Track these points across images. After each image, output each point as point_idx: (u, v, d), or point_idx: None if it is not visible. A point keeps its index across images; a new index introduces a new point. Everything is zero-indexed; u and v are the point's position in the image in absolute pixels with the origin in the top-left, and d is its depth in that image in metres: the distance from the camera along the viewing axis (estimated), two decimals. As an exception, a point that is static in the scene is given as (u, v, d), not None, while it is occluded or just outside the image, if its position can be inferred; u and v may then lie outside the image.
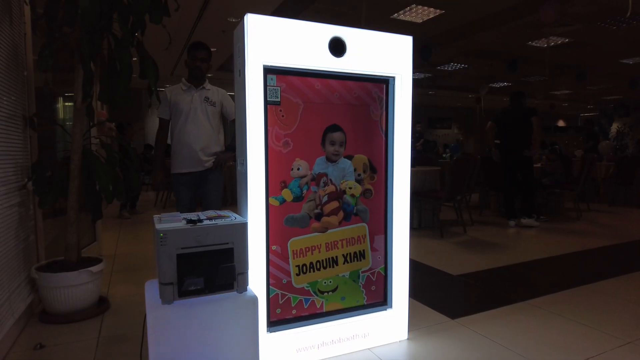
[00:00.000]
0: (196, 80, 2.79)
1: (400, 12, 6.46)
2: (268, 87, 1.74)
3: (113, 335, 2.17)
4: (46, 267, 2.43)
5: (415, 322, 2.26)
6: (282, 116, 1.79)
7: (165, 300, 1.46)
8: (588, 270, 3.35)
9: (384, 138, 2.03)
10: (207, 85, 2.84)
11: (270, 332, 1.82)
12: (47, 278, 2.31)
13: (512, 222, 5.12)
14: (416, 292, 2.73)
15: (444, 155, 9.06)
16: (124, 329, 2.24)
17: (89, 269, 2.39)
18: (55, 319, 2.33)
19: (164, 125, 2.83)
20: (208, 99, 2.78)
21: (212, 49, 2.92)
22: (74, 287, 2.35)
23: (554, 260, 3.65)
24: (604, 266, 3.46)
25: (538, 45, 8.35)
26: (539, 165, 6.19)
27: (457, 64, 10.35)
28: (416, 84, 12.64)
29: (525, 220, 5.05)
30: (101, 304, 2.52)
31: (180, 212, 2.10)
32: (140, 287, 2.83)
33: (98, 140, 2.83)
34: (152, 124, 13.17)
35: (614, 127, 16.83)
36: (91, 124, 2.83)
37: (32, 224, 2.57)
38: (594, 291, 2.82)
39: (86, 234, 3.50)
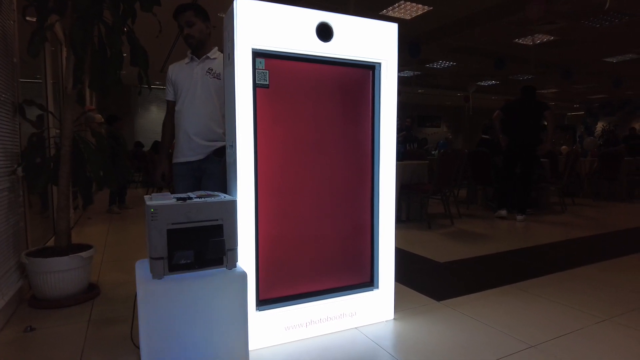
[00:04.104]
0: (197, 51, 2.37)
1: (389, 8, 6.55)
2: (257, 70, 1.79)
3: (103, 319, 2.19)
4: (36, 253, 2.44)
5: (401, 304, 2.32)
6: (271, 99, 1.83)
7: (156, 274, 1.50)
8: (571, 257, 3.44)
9: (370, 122, 2.08)
10: (213, 53, 2.38)
11: (260, 310, 1.86)
12: (38, 263, 2.32)
13: (503, 212, 5.19)
14: (403, 277, 2.79)
15: (433, 152, 9.16)
16: (114, 312, 2.27)
17: (80, 254, 2.41)
18: (45, 304, 2.34)
19: (170, 108, 2.47)
20: (211, 70, 2.34)
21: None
22: (64, 272, 2.37)
23: (539, 248, 3.74)
24: (585, 254, 3.56)
25: (524, 43, 8.50)
26: (546, 160, 6.16)
27: (446, 61, 10.48)
28: (405, 82, 12.79)
29: (519, 217, 5.07)
30: (91, 290, 2.54)
31: None
32: (130, 276, 2.85)
33: (89, 128, 2.84)
34: (142, 121, 13.12)
35: (600, 126, 17.13)
36: (82, 111, 2.84)
37: (22, 210, 2.58)
38: (576, 275, 2.90)
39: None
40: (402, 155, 5.49)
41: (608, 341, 1.92)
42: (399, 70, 11.42)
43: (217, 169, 2.35)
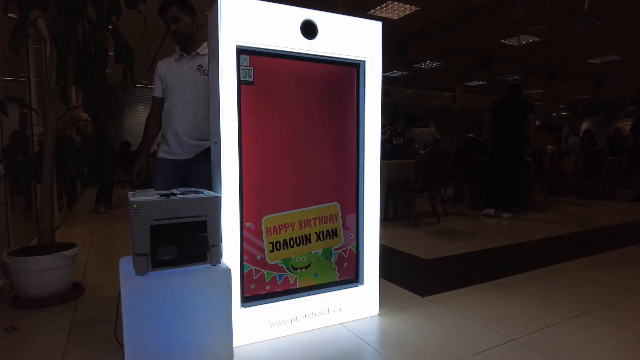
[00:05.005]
0: (186, 47, 2.30)
1: (377, 8, 6.59)
2: (241, 67, 1.79)
3: (87, 318, 2.17)
4: (18, 252, 2.41)
5: (386, 300, 2.34)
6: (256, 96, 1.84)
7: (139, 270, 1.50)
8: (553, 253, 3.50)
9: (355, 120, 2.10)
10: (203, 49, 2.30)
11: (244, 307, 1.87)
12: (20, 262, 2.30)
13: (490, 210, 5.26)
14: (388, 273, 2.82)
15: (422, 152, 9.24)
16: (98, 311, 2.25)
17: (63, 252, 2.39)
18: (28, 304, 2.32)
19: (156, 105, 2.37)
20: (202, 67, 2.26)
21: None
22: (47, 271, 2.34)
23: (523, 245, 3.80)
24: (567, 250, 3.62)
25: (510, 43, 8.61)
26: (531, 159, 6.22)
27: (434, 61, 10.57)
28: (394, 82, 12.87)
29: (505, 215, 5.13)
30: (75, 289, 2.52)
31: None
32: (116, 275, 2.83)
33: (74, 126, 2.82)
34: (130, 121, 12.99)
35: (584, 126, 17.42)
36: (67, 108, 2.81)
37: (3, 209, 2.55)
38: (557, 271, 2.96)
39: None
40: (390, 154, 5.53)
41: (586, 334, 1.97)
42: (387, 70, 11.50)
43: (206, 169, 2.19)
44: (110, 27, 2.45)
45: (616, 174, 7.52)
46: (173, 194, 1.59)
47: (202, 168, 2.25)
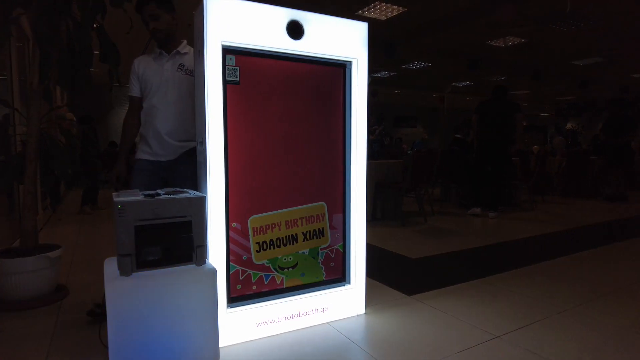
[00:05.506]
0: (165, 45, 2.20)
1: (365, 9, 6.62)
2: (227, 67, 1.79)
3: (71, 320, 2.14)
4: (0, 254, 2.37)
5: (373, 298, 2.36)
6: (242, 96, 1.84)
7: (124, 271, 1.49)
8: (538, 252, 3.56)
9: (342, 120, 2.11)
10: (183, 47, 2.21)
11: (231, 307, 1.86)
12: (2, 264, 2.26)
13: (477, 210, 5.33)
14: (375, 272, 2.83)
15: (409, 152, 9.31)
16: (83, 313, 2.22)
17: (47, 254, 2.35)
18: (11, 306, 2.28)
19: (134, 105, 2.24)
20: (183, 66, 2.18)
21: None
22: (30, 273, 2.31)
23: (508, 244, 3.85)
24: (552, 248, 3.69)
25: (497, 45, 8.72)
26: (517, 159, 6.30)
27: (421, 62, 10.65)
28: (382, 82, 12.93)
29: (491, 214, 5.19)
30: (59, 291, 2.48)
31: None
32: (101, 276, 2.80)
33: (58, 126, 2.78)
34: (117, 121, 12.83)
35: (568, 126, 17.72)
36: (51, 107, 2.76)
37: (-15, 210, 2.50)
38: (542, 269, 3.01)
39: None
40: (377, 154, 5.56)
41: (569, 330, 2.01)
42: (375, 71, 11.55)
43: (189, 171, 2.16)
44: (95, 26, 2.42)
45: (597, 173, 7.65)
46: (158, 194, 1.58)
47: (186, 169, 2.19)
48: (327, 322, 2.08)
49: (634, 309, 2.27)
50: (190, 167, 2.13)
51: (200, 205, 1.60)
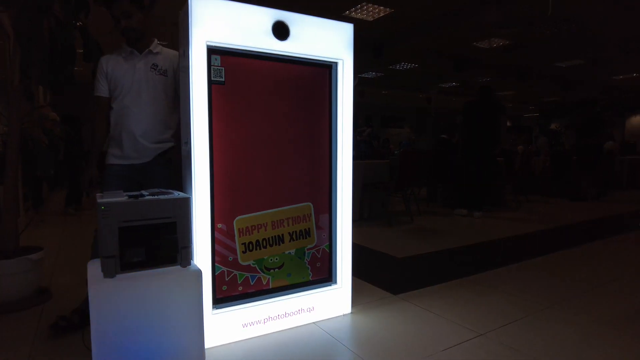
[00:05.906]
0: (137, 44, 2.10)
1: (352, 10, 6.64)
2: (212, 67, 1.78)
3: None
4: (-20, 256, 2.33)
5: (359, 298, 2.37)
6: (227, 96, 1.83)
7: (107, 273, 1.47)
8: (521, 250, 3.62)
9: (328, 121, 2.12)
10: (155, 46, 2.12)
11: (217, 308, 1.86)
12: (-18, 267, 2.21)
13: (463, 210, 5.38)
14: (361, 272, 2.85)
15: (396, 152, 9.38)
16: (66, 316, 2.19)
17: (28, 256, 2.31)
18: (-9, 310, 2.24)
19: (102, 105, 2.13)
20: (157, 66, 2.10)
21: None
22: (10, 276, 2.27)
23: (493, 243, 3.91)
24: (535, 247, 3.75)
25: (482, 46, 8.83)
26: (502, 158, 6.38)
27: (408, 63, 10.72)
28: (369, 83, 12.98)
29: (477, 214, 5.25)
30: (41, 294, 2.44)
31: None
32: (84, 278, 2.76)
33: (41, 126, 2.73)
34: (100, 120, 12.63)
35: (553, 127, 18.01)
36: (33, 107, 2.72)
37: (-36, 212, 2.45)
38: (525, 267, 3.06)
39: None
40: (364, 154, 5.58)
41: (550, 327, 2.04)
42: (362, 71, 11.59)
43: (165, 173, 2.13)
44: (78, 24, 2.39)
45: (582, 172, 7.79)
46: (142, 195, 1.57)
47: (161, 172, 2.13)
48: (314, 322, 2.08)
49: (611, 306, 2.32)
50: (166, 168, 2.11)
51: (185, 206, 1.59)
